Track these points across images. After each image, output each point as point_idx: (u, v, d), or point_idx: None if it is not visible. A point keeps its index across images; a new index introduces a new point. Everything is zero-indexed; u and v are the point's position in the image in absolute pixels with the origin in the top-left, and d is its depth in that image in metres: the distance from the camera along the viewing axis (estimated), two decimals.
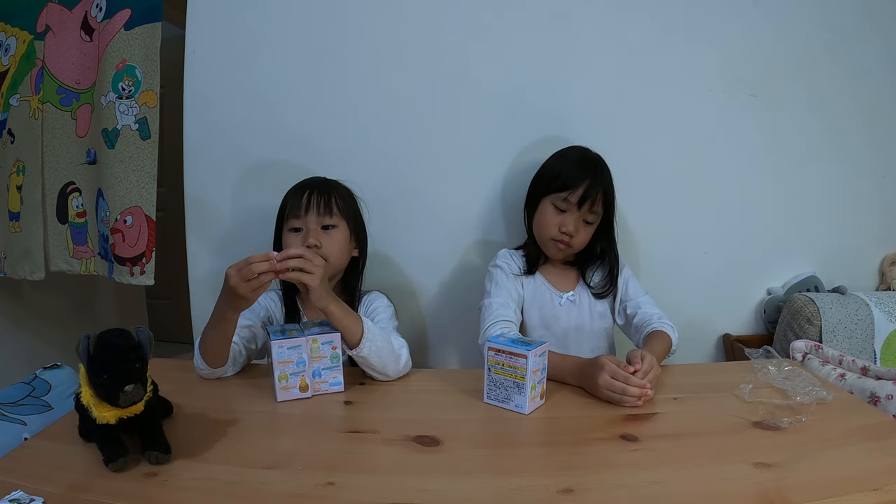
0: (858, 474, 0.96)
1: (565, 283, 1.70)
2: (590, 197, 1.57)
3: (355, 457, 1.05)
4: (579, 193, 1.56)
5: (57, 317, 2.63)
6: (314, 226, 1.47)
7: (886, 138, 2.02)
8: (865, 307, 1.84)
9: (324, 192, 1.50)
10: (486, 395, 1.25)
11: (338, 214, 1.50)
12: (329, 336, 1.28)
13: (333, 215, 1.49)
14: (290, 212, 1.49)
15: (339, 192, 1.54)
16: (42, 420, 1.24)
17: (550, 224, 1.61)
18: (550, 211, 1.61)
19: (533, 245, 1.71)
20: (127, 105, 1.78)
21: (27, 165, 1.97)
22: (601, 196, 1.59)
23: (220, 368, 1.34)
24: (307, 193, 1.48)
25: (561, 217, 1.60)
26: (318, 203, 1.47)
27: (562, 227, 1.59)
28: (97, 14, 1.84)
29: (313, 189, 1.49)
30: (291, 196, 1.52)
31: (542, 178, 1.69)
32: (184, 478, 0.95)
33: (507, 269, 1.66)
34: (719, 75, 1.90)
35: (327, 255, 1.43)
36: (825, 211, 2.02)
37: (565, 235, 1.59)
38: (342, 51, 1.81)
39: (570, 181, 1.57)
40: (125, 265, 1.83)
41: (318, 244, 1.44)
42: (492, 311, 1.56)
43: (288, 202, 1.51)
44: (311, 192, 1.49)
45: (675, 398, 1.28)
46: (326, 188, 1.52)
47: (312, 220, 1.47)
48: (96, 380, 0.93)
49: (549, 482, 0.94)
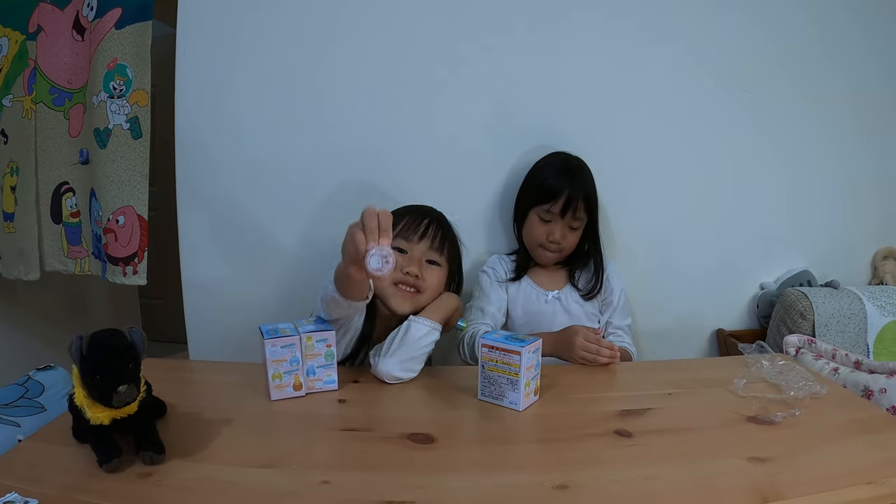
0: (852, 468, 0.96)
1: (553, 283, 1.76)
2: (571, 206, 1.65)
3: (350, 455, 1.05)
4: (561, 203, 1.64)
5: (50, 317, 2.62)
6: (419, 255, 1.46)
7: (879, 134, 2.03)
8: (858, 301, 1.85)
9: (440, 228, 1.50)
10: (481, 392, 1.25)
11: (445, 253, 1.50)
12: (323, 334, 1.27)
13: (443, 253, 1.49)
14: (403, 232, 1.47)
15: (451, 234, 1.54)
16: (36, 421, 1.23)
17: (538, 234, 1.70)
18: (536, 221, 1.70)
19: (523, 252, 1.79)
20: (118, 104, 1.77)
21: (21, 166, 1.96)
22: (583, 203, 1.67)
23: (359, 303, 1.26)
24: (426, 221, 1.49)
25: (547, 227, 1.68)
26: (435, 236, 1.48)
27: (549, 236, 1.68)
28: (88, 13, 1.83)
29: (433, 219, 1.50)
30: (406, 216, 1.49)
31: (526, 190, 1.77)
32: (178, 478, 0.95)
33: (492, 275, 1.76)
34: (711, 72, 1.90)
35: (425, 288, 1.44)
36: (817, 206, 2.03)
37: (553, 244, 1.68)
38: (334, 49, 1.81)
39: (552, 193, 1.65)
40: (118, 265, 1.82)
41: (420, 276, 1.44)
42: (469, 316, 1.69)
43: (402, 220, 1.48)
44: (430, 221, 1.49)
45: (670, 393, 1.29)
46: (445, 223, 1.53)
47: (421, 249, 1.46)
48: (89, 380, 0.93)
49: (544, 478, 0.94)
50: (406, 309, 1.43)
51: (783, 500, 0.87)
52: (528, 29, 1.82)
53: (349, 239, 1.07)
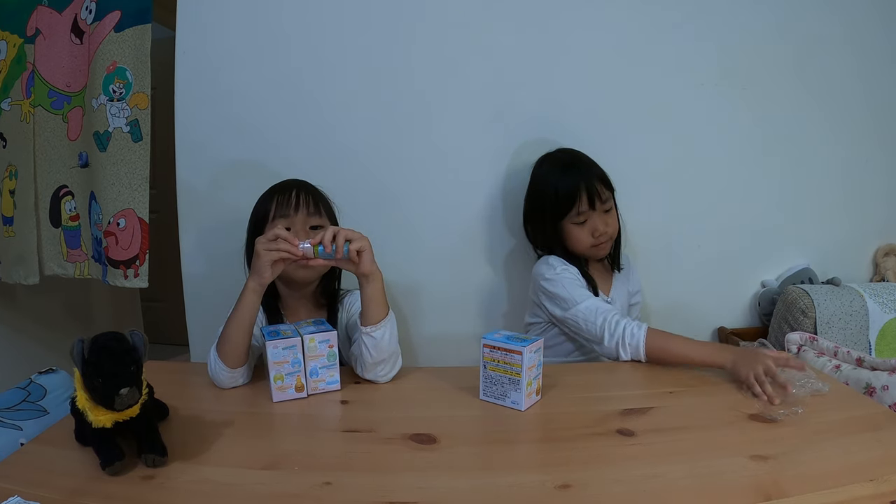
0: (855, 465, 0.96)
1: (604, 284, 1.74)
2: (593, 192, 1.61)
3: (352, 456, 1.05)
4: (585, 199, 1.61)
5: (51, 320, 2.62)
6: (302, 226, 1.44)
7: (879, 130, 2.03)
8: (860, 298, 1.85)
9: (310, 192, 1.48)
10: (482, 392, 1.25)
11: (324, 215, 1.49)
12: (326, 335, 1.28)
13: (322, 216, 1.48)
14: (278, 211, 1.44)
15: (320, 193, 1.53)
16: (38, 425, 1.23)
17: (584, 238, 1.65)
18: (575, 229, 1.66)
19: (574, 258, 1.69)
20: (118, 107, 1.77)
21: (20, 169, 1.96)
22: (600, 184, 1.63)
23: (240, 370, 1.32)
24: (294, 192, 1.46)
25: (588, 226, 1.64)
26: (308, 203, 1.46)
27: (594, 233, 1.64)
28: (87, 16, 1.83)
29: (299, 189, 1.47)
30: (274, 197, 1.47)
31: (541, 202, 1.71)
32: (181, 480, 0.95)
33: (573, 270, 1.65)
34: (711, 68, 1.90)
35: None
36: (818, 203, 2.03)
37: (602, 236, 1.64)
38: (333, 51, 1.81)
39: (570, 195, 1.62)
40: (119, 268, 1.82)
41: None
42: (597, 310, 1.52)
43: (272, 203, 1.46)
44: (297, 191, 1.46)
45: (671, 392, 1.28)
46: (311, 188, 1.51)
47: (301, 219, 1.44)
48: (91, 384, 0.93)
49: (547, 478, 0.94)
50: (310, 275, 1.47)
51: (785, 498, 0.86)
52: (526, 27, 1.82)
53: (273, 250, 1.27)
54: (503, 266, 1.95)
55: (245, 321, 1.29)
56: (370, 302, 1.33)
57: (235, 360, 1.30)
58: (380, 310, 1.33)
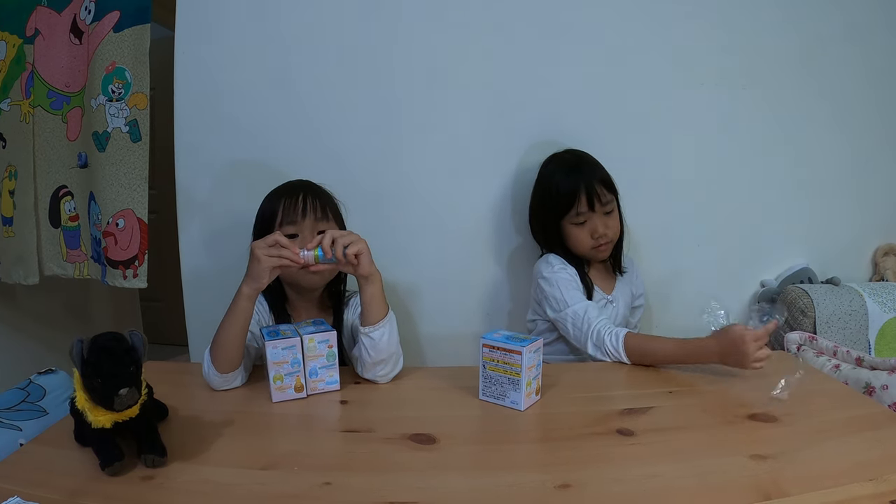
0: (854, 465, 0.96)
1: (606, 285, 1.75)
2: (594, 194, 1.62)
3: (352, 456, 1.05)
4: (584, 201, 1.62)
5: (51, 320, 2.62)
6: (310, 232, 1.42)
7: (879, 130, 2.02)
8: (859, 298, 1.85)
9: (317, 196, 1.47)
10: (482, 392, 1.25)
11: (331, 219, 1.48)
12: (325, 335, 1.28)
13: (329, 220, 1.47)
14: (285, 217, 1.42)
15: (327, 196, 1.52)
16: (37, 425, 1.23)
17: (584, 239, 1.66)
18: (575, 230, 1.67)
19: (576, 258, 1.71)
20: (117, 107, 1.77)
21: (19, 170, 1.96)
22: (601, 186, 1.63)
23: (232, 374, 1.31)
24: (301, 197, 1.44)
25: (587, 227, 1.65)
26: (315, 208, 1.44)
27: (594, 234, 1.64)
28: (86, 17, 1.83)
29: (306, 193, 1.45)
30: (281, 200, 1.45)
31: (544, 201, 1.73)
32: (180, 480, 0.95)
33: (571, 271, 1.67)
34: (711, 68, 1.90)
35: None
36: (818, 203, 2.03)
37: (602, 238, 1.64)
38: (333, 50, 1.81)
39: (570, 196, 1.63)
40: (118, 268, 1.82)
41: None
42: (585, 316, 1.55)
43: (279, 208, 1.44)
44: (304, 195, 1.44)
45: (671, 392, 1.29)
46: (318, 192, 1.49)
47: (309, 225, 1.43)
48: (90, 384, 0.93)
49: (546, 478, 0.94)
50: (318, 281, 1.47)
51: (785, 498, 0.87)
52: (526, 27, 1.82)
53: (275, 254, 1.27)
54: (508, 264, 1.95)
55: (238, 327, 1.29)
56: (369, 303, 1.33)
57: (227, 365, 1.30)
58: (379, 310, 1.34)
